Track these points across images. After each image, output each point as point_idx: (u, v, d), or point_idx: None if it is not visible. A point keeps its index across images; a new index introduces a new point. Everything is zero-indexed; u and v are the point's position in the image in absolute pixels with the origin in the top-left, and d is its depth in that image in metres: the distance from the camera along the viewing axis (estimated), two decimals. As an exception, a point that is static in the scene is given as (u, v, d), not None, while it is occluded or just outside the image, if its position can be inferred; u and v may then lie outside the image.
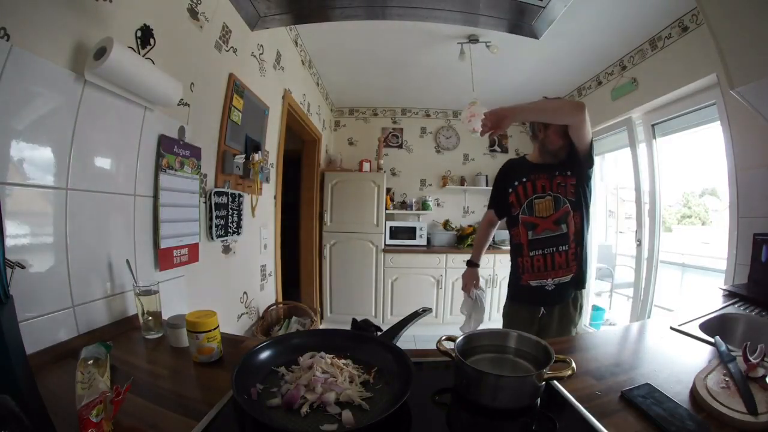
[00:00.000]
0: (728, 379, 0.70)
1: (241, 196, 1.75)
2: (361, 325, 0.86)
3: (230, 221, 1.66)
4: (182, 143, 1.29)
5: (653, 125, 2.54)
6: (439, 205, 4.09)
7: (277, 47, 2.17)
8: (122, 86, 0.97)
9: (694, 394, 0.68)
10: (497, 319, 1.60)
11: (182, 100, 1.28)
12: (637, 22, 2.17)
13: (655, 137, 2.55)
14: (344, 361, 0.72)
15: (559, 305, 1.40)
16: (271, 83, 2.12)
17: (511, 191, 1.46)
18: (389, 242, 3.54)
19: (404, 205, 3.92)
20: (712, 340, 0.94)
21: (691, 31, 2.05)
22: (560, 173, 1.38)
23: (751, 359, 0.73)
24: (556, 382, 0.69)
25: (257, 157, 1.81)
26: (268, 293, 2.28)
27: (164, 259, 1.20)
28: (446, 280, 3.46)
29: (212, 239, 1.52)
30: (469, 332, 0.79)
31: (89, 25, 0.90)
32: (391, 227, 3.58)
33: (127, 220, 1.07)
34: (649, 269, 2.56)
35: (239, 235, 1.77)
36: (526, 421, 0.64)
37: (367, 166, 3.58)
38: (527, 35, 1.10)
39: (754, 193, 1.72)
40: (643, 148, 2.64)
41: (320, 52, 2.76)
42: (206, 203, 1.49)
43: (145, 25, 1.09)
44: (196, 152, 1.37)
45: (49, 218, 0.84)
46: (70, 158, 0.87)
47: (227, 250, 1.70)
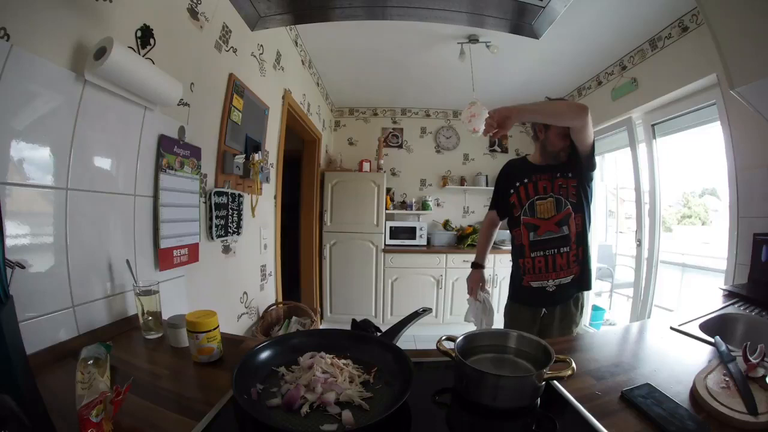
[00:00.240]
0: (728, 379, 0.70)
1: (241, 196, 1.75)
2: (360, 325, 0.86)
3: (230, 221, 1.66)
4: (182, 143, 1.29)
5: (653, 125, 2.54)
6: (439, 205, 4.09)
7: (277, 47, 2.17)
8: (122, 86, 0.97)
9: (694, 394, 0.68)
10: (498, 319, 1.60)
11: (182, 100, 1.28)
12: (637, 22, 2.17)
13: (655, 137, 2.55)
14: (344, 361, 0.72)
15: (560, 305, 1.40)
16: (271, 83, 2.12)
17: (512, 192, 1.46)
18: (389, 242, 3.54)
19: (404, 205, 3.92)
20: (712, 340, 0.94)
21: (691, 31, 2.05)
22: (562, 175, 1.38)
23: (751, 359, 0.73)
24: (556, 382, 0.69)
25: (257, 157, 1.81)
26: (268, 293, 2.28)
27: (164, 259, 1.20)
28: (446, 280, 3.46)
29: (212, 239, 1.52)
30: (469, 333, 0.79)
31: (89, 25, 0.90)
32: (391, 227, 3.58)
33: (127, 220, 1.07)
34: (649, 269, 2.56)
35: (239, 235, 1.77)
36: (526, 421, 0.64)
37: (367, 166, 3.58)
38: (527, 35, 1.10)
39: (754, 193, 1.72)
40: (643, 148, 2.65)
41: (320, 52, 2.76)
42: (206, 203, 1.49)
43: (145, 25, 1.09)
44: (196, 152, 1.37)
45: (49, 218, 0.84)
46: (70, 158, 0.87)
47: (227, 250, 1.70)
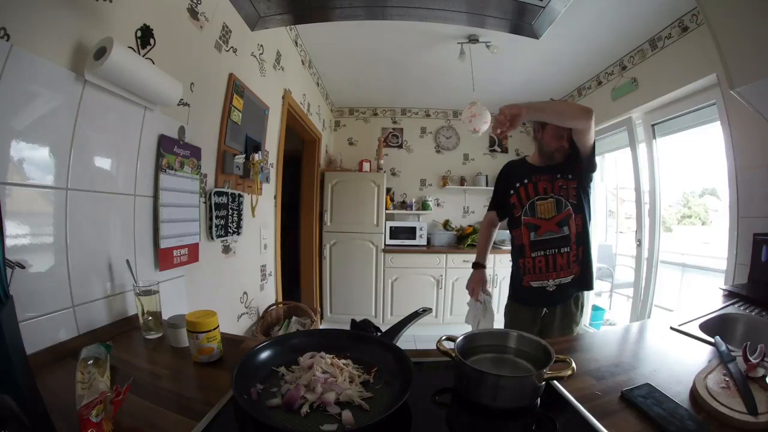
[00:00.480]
0: (728, 379, 0.70)
1: (241, 196, 1.75)
2: (360, 325, 0.86)
3: (230, 221, 1.66)
4: (182, 143, 1.29)
5: (653, 125, 2.54)
6: (439, 205, 4.09)
7: (277, 47, 2.17)
8: (122, 86, 0.97)
9: (694, 394, 0.68)
10: (498, 319, 1.60)
11: (182, 100, 1.28)
12: (637, 22, 2.17)
13: (655, 137, 2.55)
14: (344, 361, 0.72)
15: (560, 305, 1.40)
16: (271, 83, 2.12)
17: (512, 193, 1.46)
18: (389, 242, 3.54)
19: (404, 205, 3.92)
20: (712, 340, 0.94)
21: (691, 31, 2.05)
22: (562, 176, 1.38)
23: (751, 359, 0.73)
24: (556, 382, 0.69)
25: (257, 157, 1.81)
26: (268, 293, 2.28)
27: (164, 259, 1.20)
28: (446, 280, 3.46)
29: (212, 239, 1.52)
30: (469, 333, 0.79)
31: (89, 25, 0.90)
32: (391, 227, 3.58)
33: (127, 220, 1.07)
34: (649, 269, 2.56)
35: (239, 235, 1.77)
36: (526, 421, 0.64)
37: (367, 166, 3.58)
38: (527, 35, 1.10)
39: (754, 193, 1.72)
40: (643, 148, 2.65)
41: (320, 52, 2.75)
42: (206, 203, 1.49)
43: (145, 25, 1.09)
44: (196, 152, 1.37)
45: (49, 218, 0.84)
46: (70, 158, 0.87)
47: (227, 250, 1.70)
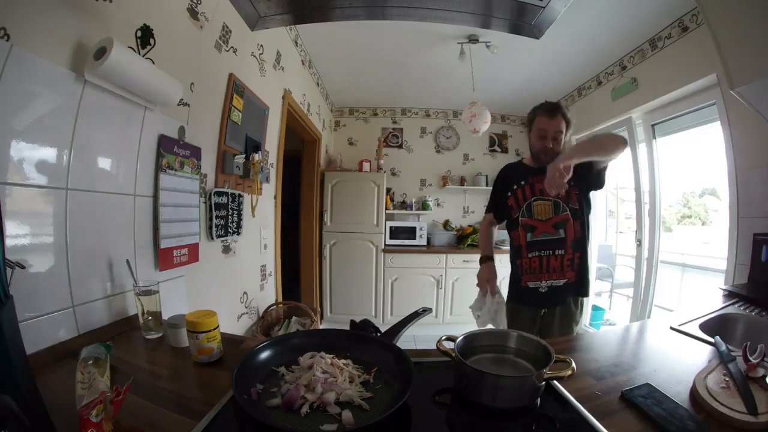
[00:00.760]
0: (728, 379, 0.70)
1: (241, 196, 1.75)
2: (360, 326, 0.86)
3: (230, 221, 1.66)
4: (182, 143, 1.29)
5: (653, 125, 2.54)
6: (439, 205, 4.08)
7: (277, 47, 2.17)
8: (122, 86, 0.97)
9: (694, 394, 0.68)
10: (497, 319, 1.60)
11: (182, 100, 1.28)
12: (637, 22, 2.17)
13: (655, 137, 2.55)
14: (344, 361, 0.72)
15: (560, 305, 1.40)
16: (271, 83, 2.12)
17: (509, 195, 1.47)
18: (389, 242, 3.53)
19: (404, 205, 3.91)
20: (712, 340, 0.94)
21: (691, 31, 2.05)
22: None
23: (751, 359, 0.73)
24: (556, 382, 0.69)
25: (257, 157, 1.81)
26: (268, 293, 2.28)
27: (164, 259, 1.20)
28: (446, 280, 3.46)
29: (212, 239, 1.52)
30: (469, 333, 0.78)
31: (89, 25, 0.90)
32: (391, 227, 3.58)
33: (127, 220, 1.07)
34: (649, 269, 2.56)
35: (239, 235, 1.77)
36: (526, 421, 0.64)
37: (367, 166, 3.58)
38: (527, 35, 1.10)
39: (754, 193, 1.72)
40: (643, 148, 2.65)
41: (320, 52, 2.75)
42: (206, 203, 1.49)
43: (145, 25, 1.09)
44: (196, 152, 1.37)
45: (49, 218, 0.84)
46: (70, 158, 0.87)
47: (227, 250, 1.70)
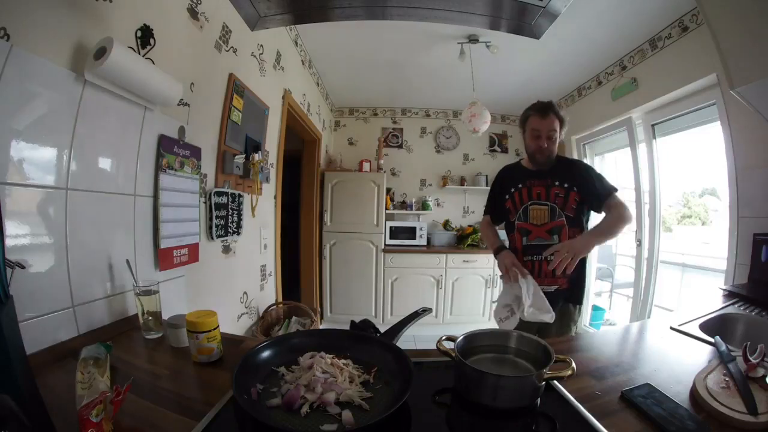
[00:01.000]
0: (728, 379, 0.70)
1: (241, 196, 1.75)
2: (360, 326, 0.86)
3: (230, 221, 1.66)
4: (182, 143, 1.29)
5: (653, 125, 2.54)
6: (439, 205, 4.08)
7: (277, 47, 2.17)
8: (122, 86, 0.97)
9: (694, 394, 0.68)
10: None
11: (182, 100, 1.28)
12: (637, 22, 2.17)
13: (655, 137, 2.55)
14: (344, 361, 0.72)
15: (556, 308, 1.40)
16: (271, 83, 2.12)
17: (507, 197, 1.47)
18: (389, 242, 3.53)
19: (404, 205, 3.91)
20: (712, 340, 0.94)
21: (691, 31, 2.05)
22: (559, 184, 1.38)
23: (751, 359, 0.73)
24: (556, 382, 0.69)
25: (257, 157, 1.81)
26: (268, 293, 2.28)
27: (164, 259, 1.20)
28: (446, 280, 3.46)
29: (212, 239, 1.52)
30: (469, 333, 0.78)
31: (89, 25, 0.90)
32: (391, 227, 3.58)
33: (127, 220, 1.07)
34: (649, 269, 2.56)
35: (239, 235, 1.77)
36: (526, 421, 0.64)
37: (367, 166, 3.58)
38: (527, 35, 1.10)
39: (754, 193, 1.72)
40: (643, 148, 2.64)
41: (320, 52, 2.75)
42: (206, 203, 1.49)
43: (145, 25, 1.09)
44: (196, 152, 1.37)
45: (49, 218, 0.84)
46: (70, 158, 0.87)
47: (227, 250, 1.70)
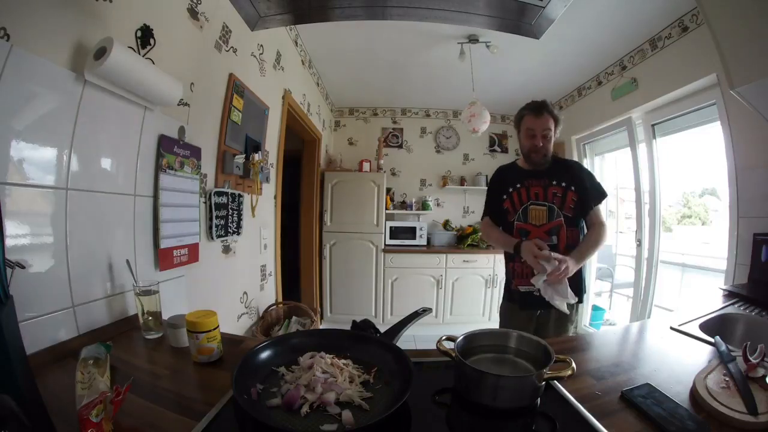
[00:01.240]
0: (728, 379, 0.70)
1: (241, 196, 1.75)
2: (360, 326, 0.86)
3: (230, 221, 1.66)
4: (182, 143, 1.29)
5: (653, 125, 2.54)
6: (439, 205, 4.08)
7: (277, 47, 2.17)
8: (122, 86, 0.97)
9: (694, 394, 0.68)
10: (495, 318, 1.60)
11: (182, 100, 1.28)
12: (637, 22, 2.17)
13: (655, 137, 2.54)
14: (344, 361, 0.72)
15: (553, 308, 1.39)
16: (271, 83, 2.12)
17: (505, 198, 1.47)
18: (389, 242, 3.53)
19: (404, 205, 3.91)
20: (712, 340, 0.94)
21: (691, 31, 2.05)
22: (557, 183, 1.38)
23: (751, 359, 0.73)
24: (556, 382, 0.69)
25: (257, 157, 1.81)
26: (268, 293, 2.28)
27: (164, 259, 1.20)
28: (446, 280, 3.46)
29: (212, 239, 1.52)
30: (469, 333, 0.78)
31: (89, 25, 0.90)
32: (391, 227, 3.58)
33: (127, 220, 1.07)
34: (649, 269, 2.56)
35: (239, 235, 1.77)
36: (526, 421, 0.64)
37: (367, 166, 3.58)
38: (527, 35, 1.10)
39: (754, 193, 1.72)
40: (643, 148, 2.64)
41: (320, 52, 2.75)
42: (206, 203, 1.49)
43: (145, 25, 1.09)
44: (196, 152, 1.37)
45: (49, 218, 0.84)
46: (70, 158, 0.87)
47: (227, 250, 1.70)
